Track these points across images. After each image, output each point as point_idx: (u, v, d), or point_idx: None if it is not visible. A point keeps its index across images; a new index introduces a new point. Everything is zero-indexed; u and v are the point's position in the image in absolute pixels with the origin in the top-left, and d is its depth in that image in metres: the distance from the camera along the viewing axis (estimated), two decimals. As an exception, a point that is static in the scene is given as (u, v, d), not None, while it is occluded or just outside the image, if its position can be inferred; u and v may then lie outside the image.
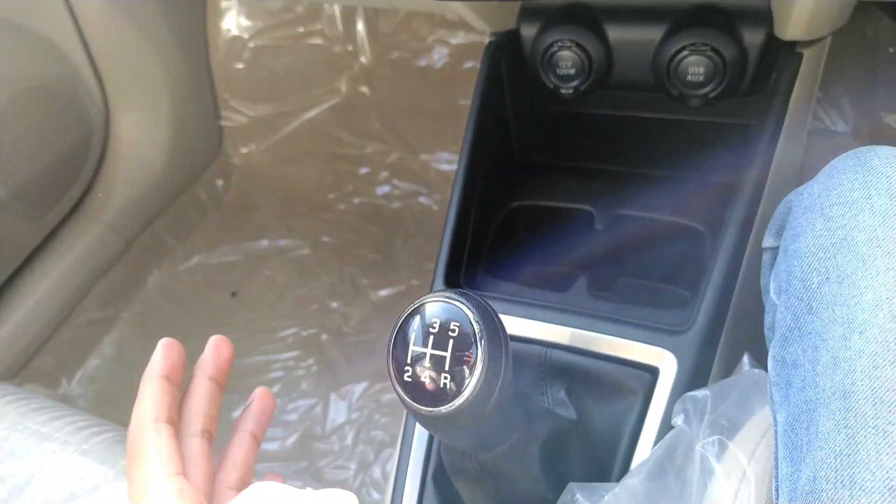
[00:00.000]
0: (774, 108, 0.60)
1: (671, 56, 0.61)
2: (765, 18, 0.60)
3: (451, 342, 0.37)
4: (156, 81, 1.22)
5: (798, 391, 0.38)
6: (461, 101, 1.27)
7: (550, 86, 0.67)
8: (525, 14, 0.68)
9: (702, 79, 0.61)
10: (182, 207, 1.36)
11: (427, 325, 0.37)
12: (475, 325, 0.37)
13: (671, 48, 0.61)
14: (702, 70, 0.60)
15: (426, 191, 1.32)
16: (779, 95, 0.60)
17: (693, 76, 0.61)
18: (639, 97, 0.69)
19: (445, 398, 0.37)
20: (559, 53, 0.65)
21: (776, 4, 0.59)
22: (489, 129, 0.68)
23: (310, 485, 0.44)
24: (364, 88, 1.34)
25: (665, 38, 0.62)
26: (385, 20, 1.29)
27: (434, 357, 0.37)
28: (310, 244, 1.31)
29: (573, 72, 0.65)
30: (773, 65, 0.61)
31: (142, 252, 1.30)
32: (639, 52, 0.64)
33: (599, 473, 0.54)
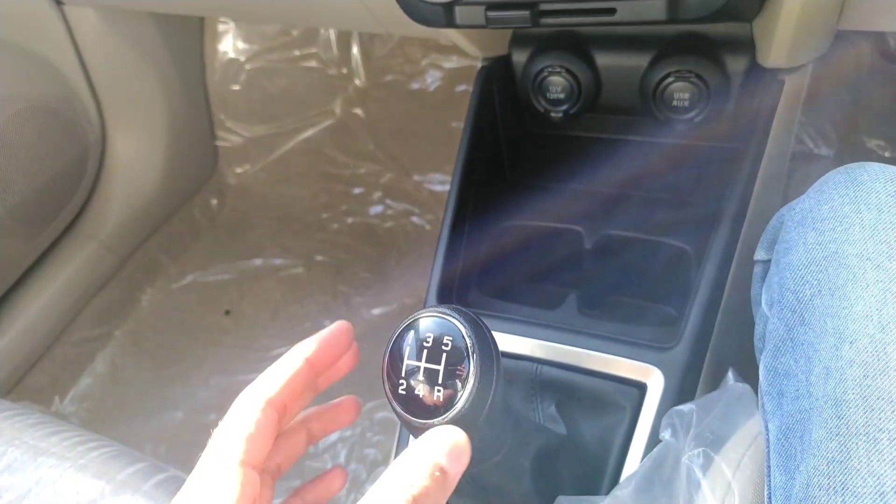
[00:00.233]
0: (757, 133, 0.61)
1: (657, 82, 0.63)
2: (747, 47, 0.62)
3: (444, 356, 0.37)
4: (152, 102, 1.23)
5: (791, 401, 0.38)
6: (453, 124, 1.29)
7: (541, 109, 0.68)
8: (516, 41, 0.70)
9: (687, 104, 0.62)
10: (177, 226, 1.37)
11: (421, 340, 0.38)
12: (468, 340, 0.37)
13: (657, 74, 0.63)
14: (687, 96, 0.62)
15: (419, 211, 1.33)
16: (761, 120, 0.61)
17: (678, 101, 0.62)
18: (626, 121, 0.70)
19: (439, 411, 0.37)
20: (549, 78, 0.67)
21: (758, 34, 0.60)
22: (481, 151, 0.70)
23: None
24: (358, 110, 1.36)
25: (651, 65, 0.64)
26: (379, 44, 1.31)
27: (428, 370, 0.37)
28: (303, 263, 1.32)
29: (563, 96, 0.67)
30: (756, 91, 0.63)
31: (136, 270, 1.30)
32: (626, 78, 0.66)
33: (589, 487, 0.55)
